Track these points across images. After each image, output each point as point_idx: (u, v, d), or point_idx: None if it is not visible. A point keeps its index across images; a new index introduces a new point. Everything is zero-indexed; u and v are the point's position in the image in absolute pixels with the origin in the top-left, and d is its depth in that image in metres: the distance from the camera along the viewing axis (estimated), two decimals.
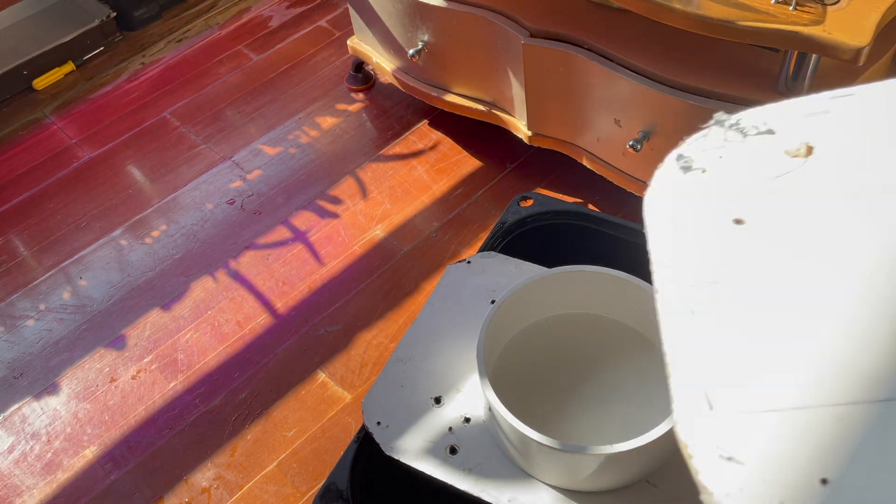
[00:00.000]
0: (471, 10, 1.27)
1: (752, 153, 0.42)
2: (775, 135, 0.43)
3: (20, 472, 1.20)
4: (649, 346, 0.74)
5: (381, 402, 0.71)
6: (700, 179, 0.42)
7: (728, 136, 0.44)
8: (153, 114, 1.75)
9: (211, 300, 1.38)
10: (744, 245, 0.37)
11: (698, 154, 0.43)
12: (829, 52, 0.92)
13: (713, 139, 0.44)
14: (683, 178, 0.42)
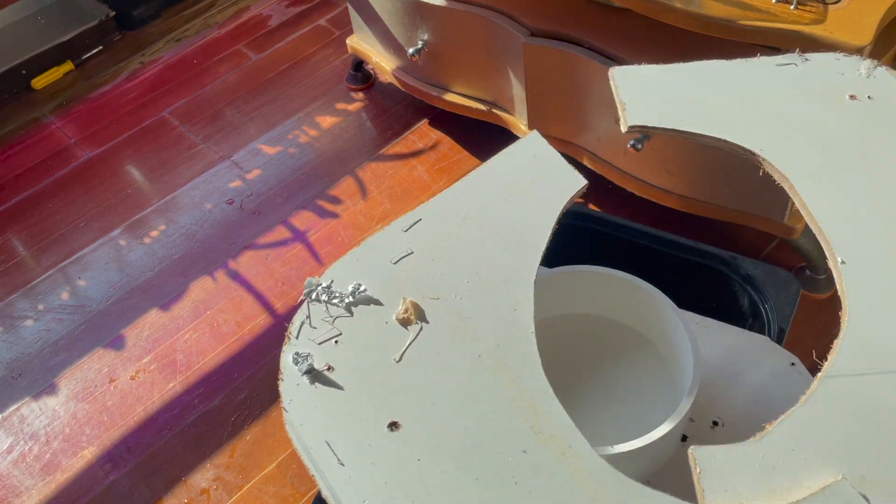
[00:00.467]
0: (471, 10, 1.27)
1: (366, 332, 0.42)
2: (377, 302, 0.44)
3: (19, 472, 1.19)
4: (649, 345, 0.74)
5: None
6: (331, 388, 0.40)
7: (331, 312, 0.43)
8: (152, 113, 1.75)
9: (210, 300, 1.38)
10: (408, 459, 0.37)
11: (314, 348, 0.41)
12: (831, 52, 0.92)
13: (318, 321, 0.43)
14: (314, 388, 0.39)
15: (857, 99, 0.51)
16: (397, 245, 0.45)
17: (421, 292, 0.43)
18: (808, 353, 1.18)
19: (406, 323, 0.42)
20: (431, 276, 0.44)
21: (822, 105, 0.51)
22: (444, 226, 0.46)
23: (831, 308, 1.27)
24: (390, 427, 0.39)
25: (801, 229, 1.17)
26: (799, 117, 0.50)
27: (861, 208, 0.46)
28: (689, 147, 1.13)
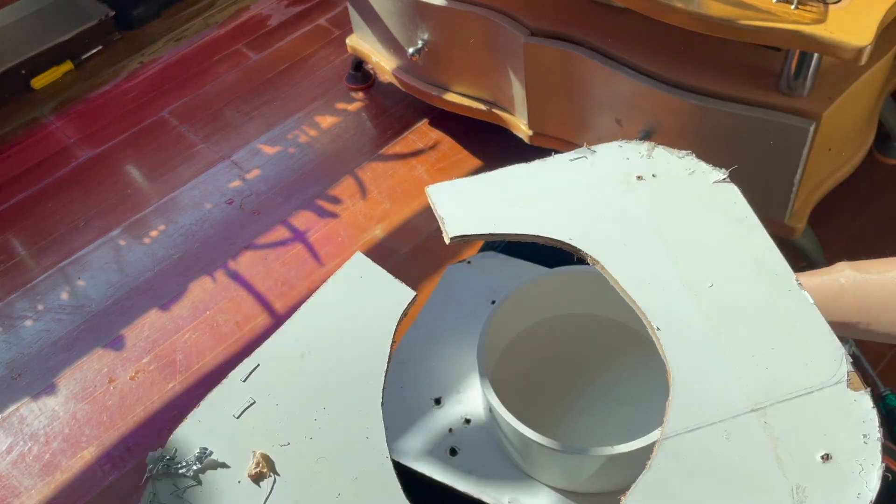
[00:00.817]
0: (471, 9, 1.26)
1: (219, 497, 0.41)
2: (225, 465, 0.43)
3: (18, 472, 1.19)
4: (649, 346, 0.73)
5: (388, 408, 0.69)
6: None
7: (178, 485, 0.41)
8: (152, 113, 1.75)
9: (210, 300, 1.37)
10: None
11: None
12: (831, 51, 0.92)
13: (167, 498, 0.42)
14: None
15: (643, 179, 0.57)
16: (238, 397, 0.45)
17: (270, 441, 0.43)
18: None
19: (259, 478, 0.42)
20: (278, 423, 0.44)
21: (615, 189, 0.57)
22: (283, 367, 0.46)
23: None
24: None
25: (802, 229, 1.17)
26: (598, 204, 0.56)
27: (664, 277, 0.51)
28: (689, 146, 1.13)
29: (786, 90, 1.04)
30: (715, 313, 0.50)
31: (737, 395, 0.46)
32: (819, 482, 0.43)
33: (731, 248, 0.53)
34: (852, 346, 1.14)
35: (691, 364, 0.48)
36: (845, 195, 1.32)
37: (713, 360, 0.48)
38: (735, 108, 1.05)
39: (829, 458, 0.44)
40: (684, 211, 0.55)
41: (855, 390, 0.48)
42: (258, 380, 0.46)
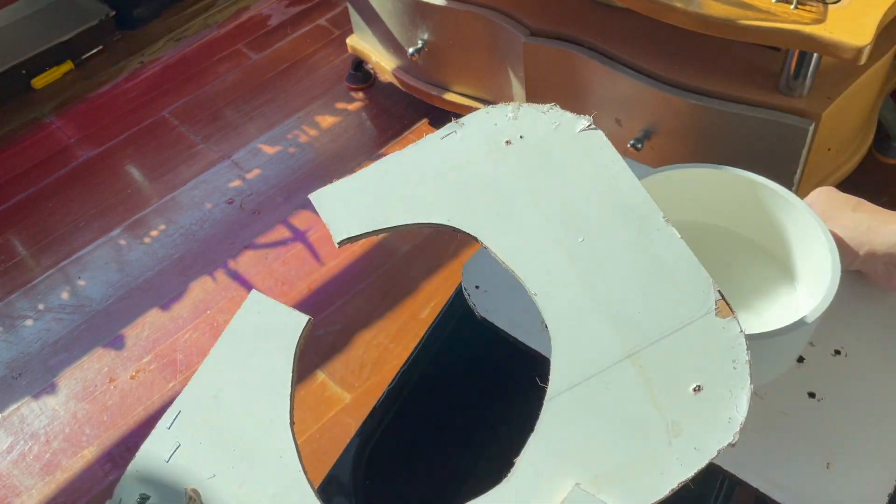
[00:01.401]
0: (471, 9, 1.27)
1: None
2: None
3: (19, 472, 1.19)
4: (767, 258, 0.66)
5: (482, 267, 0.67)
6: None
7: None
8: (152, 113, 1.75)
9: (210, 300, 1.38)
10: None
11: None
12: (831, 51, 0.92)
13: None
14: None
15: (511, 143, 0.57)
16: (166, 443, 0.50)
17: (198, 477, 0.49)
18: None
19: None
20: (202, 460, 0.50)
21: (486, 158, 0.57)
22: (201, 409, 0.51)
23: None
24: None
25: None
26: (471, 177, 0.56)
27: (539, 241, 0.52)
28: (689, 146, 1.13)
29: (785, 90, 1.04)
30: (588, 268, 0.51)
31: (613, 345, 0.48)
32: (691, 414, 0.45)
33: (599, 198, 0.54)
34: None
35: (569, 323, 0.49)
36: None
37: (589, 315, 0.49)
38: (735, 108, 1.05)
39: (700, 389, 0.46)
40: (553, 168, 0.55)
41: (724, 318, 0.48)
42: (181, 424, 0.51)
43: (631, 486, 0.44)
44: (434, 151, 0.60)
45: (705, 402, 0.45)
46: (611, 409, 0.46)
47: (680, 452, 0.44)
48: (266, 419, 0.50)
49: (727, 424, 0.44)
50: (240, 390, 0.52)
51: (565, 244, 0.52)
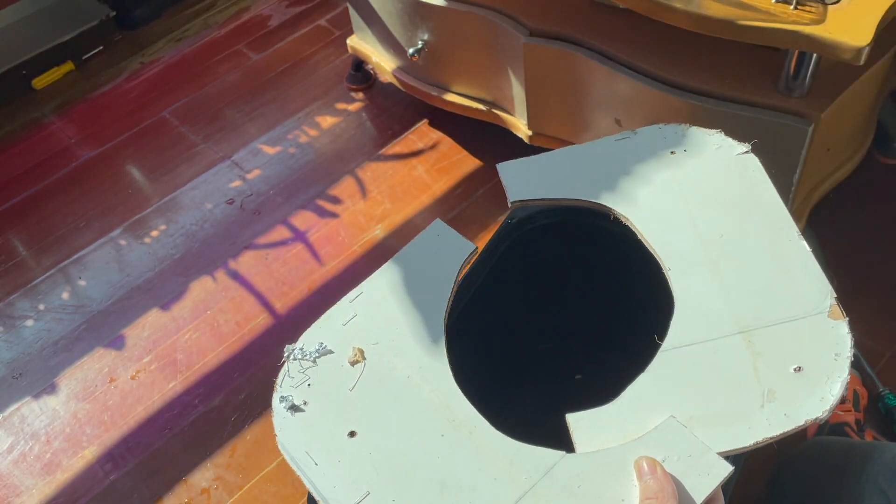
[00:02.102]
0: (471, 10, 1.27)
1: (328, 374, 0.62)
2: (334, 353, 0.63)
3: (19, 472, 1.19)
4: None
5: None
6: (306, 414, 0.60)
7: (303, 366, 0.62)
8: (152, 113, 1.75)
9: (210, 300, 1.38)
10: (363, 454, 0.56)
11: (293, 392, 0.61)
12: (830, 52, 0.92)
13: (295, 373, 0.63)
14: (295, 417, 0.60)
15: (675, 154, 0.68)
16: (346, 312, 0.65)
17: (365, 341, 0.62)
18: None
19: (355, 363, 0.61)
20: (371, 330, 0.63)
21: (651, 162, 0.68)
22: (378, 295, 0.66)
23: None
24: (350, 435, 0.58)
25: (801, 229, 1.17)
26: (635, 174, 0.67)
27: (681, 231, 0.64)
28: None
29: (785, 91, 1.04)
30: (720, 258, 0.61)
31: (729, 321, 0.57)
32: (788, 387, 0.52)
33: (743, 208, 0.63)
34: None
35: (694, 297, 0.59)
36: (844, 195, 1.32)
37: (713, 294, 0.59)
38: (734, 109, 1.05)
39: (800, 369, 0.53)
40: (707, 179, 0.66)
41: (834, 319, 0.56)
42: (360, 301, 0.66)
43: (720, 431, 0.51)
44: (608, 149, 0.70)
45: (803, 381, 0.53)
46: (716, 368, 0.54)
47: (770, 415, 0.52)
48: (426, 310, 0.63)
49: (819, 402, 0.51)
50: (411, 286, 0.65)
51: (704, 237, 0.62)
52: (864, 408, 1.08)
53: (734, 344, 0.55)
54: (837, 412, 1.06)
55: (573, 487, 0.52)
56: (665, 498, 0.50)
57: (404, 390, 0.58)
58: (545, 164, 0.70)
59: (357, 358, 0.61)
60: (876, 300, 1.23)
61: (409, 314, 0.63)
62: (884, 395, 1.10)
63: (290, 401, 0.59)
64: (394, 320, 0.63)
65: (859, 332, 1.18)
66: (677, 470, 0.51)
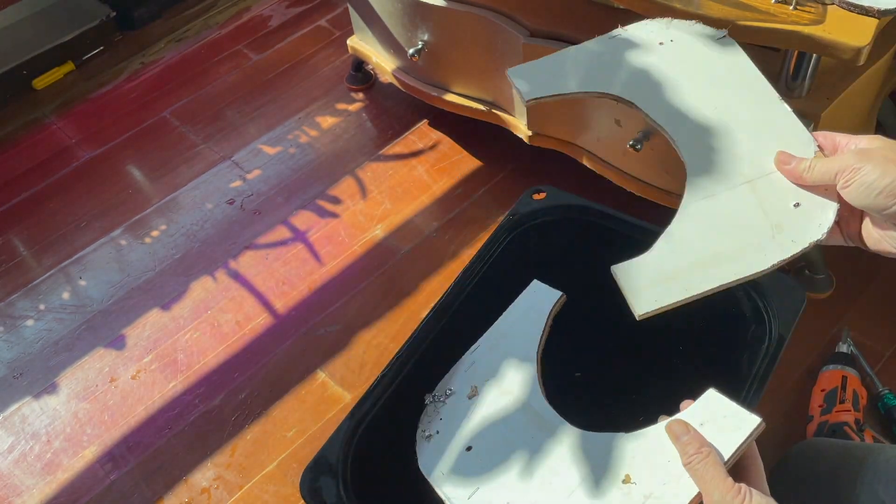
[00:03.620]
0: (471, 10, 1.27)
1: (453, 410, 0.76)
2: (457, 393, 0.78)
3: (20, 472, 1.20)
4: None
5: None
6: (437, 440, 0.74)
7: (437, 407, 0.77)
8: (153, 113, 1.75)
9: (211, 300, 1.38)
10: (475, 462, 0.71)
11: (428, 426, 0.75)
12: (830, 52, 0.92)
13: (431, 413, 0.77)
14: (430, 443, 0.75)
15: (664, 44, 0.76)
16: (467, 362, 0.79)
17: (479, 380, 0.77)
18: (808, 352, 1.18)
19: (472, 396, 0.75)
20: (485, 372, 0.78)
21: (643, 51, 0.77)
22: (488, 346, 0.80)
23: (831, 307, 1.27)
24: (467, 450, 0.72)
25: None
26: (631, 64, 0.76)
27: (682, 106, 0.72)
28: None
29: (784, 91, 1.04)
30: (718, 124, 0.70)
31: (734, 174, 0.66)
32: (791, 220, 0.62)
33: (729, 82, 0.73)
34: (850, 345, 1.15)
35: (702, 159, 0.68)
36: None
37: (717, 154, 0.68)
38: None
39: (798, 205, 0.63)
40: (696, 61, 0.75)
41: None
42: (478, 352, 0.79)
43: (741, 261, 0.61)
44: (604, 46, 0.77)
45: (802, 213, 0.63)
46: (730, 214, 0.64)
47: (780, 242, 0.62)
48: (524, 349, 0.77)
49: (818, 228, 0.61)
50: (513, 335, 0.79)
51: (702, 110, 0.71)
52: (863, 408, 1.08)
53: (741, 192, 0.65)
54: (837, 412, 1.07)
55: (629, 458, 0.65)
56: (706, 451, 0.57)
57: (506, 409, 0.73)
58: (551, 64, 0.77)
59: (473, 392, 0.76)
60: (876, 300, 1.23)
61: (511, 355, 0.77)
62: (883, 395, 1.10)
63: (426, 433, 0.74)
64: (500, 361, 0.77)
65: (859, 332, 1.19)
66: (712, 430, 0.60)
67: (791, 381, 1.16)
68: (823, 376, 1.12)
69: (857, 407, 1.07)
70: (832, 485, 0.77)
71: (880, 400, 1.10)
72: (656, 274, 0.62)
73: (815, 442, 0.87)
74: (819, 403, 1.09)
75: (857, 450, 0.78)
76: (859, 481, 0.74)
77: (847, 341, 1.16)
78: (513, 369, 0.76)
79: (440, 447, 0.73)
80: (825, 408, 1.08)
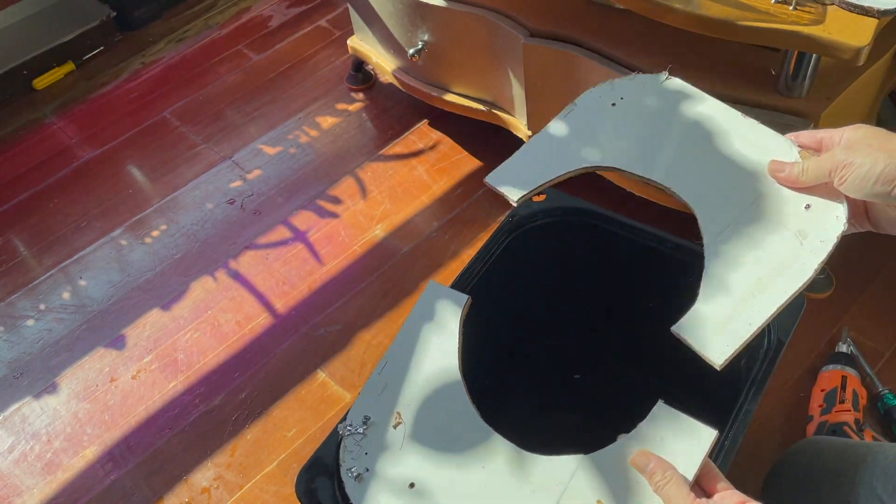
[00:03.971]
0: (471, 10, 1.27)
1: (378, 442, 0.69)
2: (377, 422, 0.70)
3: (20, 471, 1.20)
4: None
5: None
6: (371, 479, 0.67)
7: (356, 439, 0.69)
8: (153, 113, 1.75)
9: (211, 300, 1.38)
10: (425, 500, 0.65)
11: (354, 463, 0.68)
12: (830, 52, 0.92)
13: (352, 447, 0.69)
14: (362, 484, 0.67)
15: (616, 105, 0.76)
16: (378, 384, 0.72)
17: (400, 405, 0.70)
18: (808, 352, 1.18)
19: (398, 425, 0.68)
20: (403, 394, 0.71)
21: (601, 117, 0.77)
22: (399, 363, 0.73)
23: (830, 308, 1.27)
24: (410, 486, 0.65)
25: None
26: (595, 132, 0.76)
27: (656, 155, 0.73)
28: None
29: (784, 91, 1.04)
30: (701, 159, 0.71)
31: (738, 201, 0.67)
32: (810, 222, 0.64)
33: (692, 116, 0.74)
34: (850, 345, 1.15)
35: (700, 198, 0.69)
36: None
37: (712, 186, 0.69)
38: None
39: (809, 206, 0.64)
40: (653, 109, 0.75)
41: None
42: (387, 372, 0.72)
43: (786, 276, 0.62)
44: (564, 125, 0.77)
45: (817, 212, 0.64)
46: (753, 239, 0.65)
47: (810, 247, 0.62)
48: (442, 364, 0.71)
49: (836, 220, 0.63)
50: (424, 347, 0.73)
51: (680, 151, 0.72)
52: (863, 407, 1.08)
53: (752, 215, 0.66)
54: (837, 412, 1.07)
55: (596, 484, 0.62)
56: (670, 475, 0.58)
57: (443, 438, 0.67)
58: (523, 159, 0.76)
59: (398, 420, 0.68)
60: (876, 300, 1.23)
61: (429, 371, 0.71)
62: (883, 395, 1.10)
63: (354, 472, 0.66)
64: (418, 380, 0.71)
65: (859, 332, 1.19)
66: (673, 448, 0.60)
67: (791, 381, 1.16)
68: (823, 376, 1.12)
69: (857, 407, 1.07)
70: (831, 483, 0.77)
71: (880, 400, 1.10)
72: (715, 321, 0.62)
73: (814, 440, 0.87)
74: (819, 403, 1.09)
75: (856, 448, 0.78)
76: (858, 479, 0.74)
77: (847, 341, 1.16)
78: (437, 390, 0.70)
79: (377, 487, 0.66)
80: (825, 408, 1.08)
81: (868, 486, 0.73)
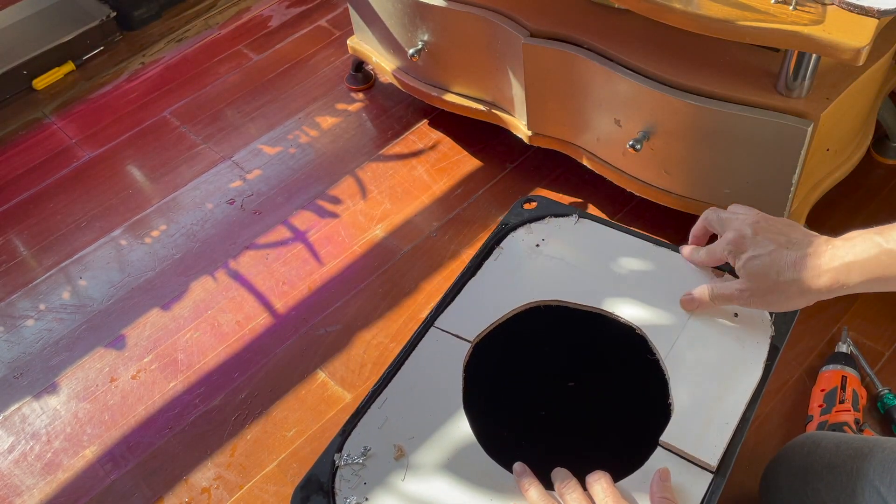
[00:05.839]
0: (471, 10, 1.27)
1: (378, 473, 0.69)
2: (377, 454, 0.70)
3: (20, 471, 1.20)
4: None
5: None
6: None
7: (354, 469, 0.69)
8: (153, 113, 1.75)
9: (211, 300, 1.38)
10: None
11: (352, 492, 0.67)
12: (830, 52, 0.92)
13: (349, 476, 0.69)
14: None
15: (539, 245, 0.84)
16: (378, 417, 0.73)
17: (402, 438, 0.71)
18: (808, 352, 1.18)
19: (400, 457, 0.69)
20: (405, 428, 0.72)
21: (529, 258, 0.83)
22: (400, 399, 0.74)
23: (830, 308, 1.27)
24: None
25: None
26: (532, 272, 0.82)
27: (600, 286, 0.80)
28: (688, 147, 1.14)
29: (784, 91, 1.04)
30: (626, 289, 0.79)
31: (673, 324, 0.75)
32: (743, 328, 0.74)
33: (609, 248, 0.82)
34: (850, 345, 1.15)
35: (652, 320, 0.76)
36: (843, 195, 1.32)
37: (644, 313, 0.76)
38: (733, 109, 1.06)
39: (737, 315, 0.74)
40: (575, 245, 0.83)
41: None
42: (388, 406, 0.73)
43: (742, 378, 0.69)
44: (497, 267, 0.83)
45: (746, 318, 0.74)
46: (698, 354, 0.72)
47: (753, 349, 0.72)
48: (446, 400, 0.73)
49: (764, 321, 0.73)
50: (426, 386, 0.74)
51: (620, 279, 0.79)
52: (863, 408, 1.08)
53: (691, 328, 0.74)
54: (836, 412, 1.07)
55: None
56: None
57: (447, 473, 0.68)
58: (466, 302, 0.80)
59: (400, 453, 0.69)
60: (875, 300, 1.23)
61: (433, 408, 0.72)
62: (883, 395, 1.10)
63: (351, 501, 0.66)
64: (424, 417, 0.72)
65: (859, 332, 1.19)
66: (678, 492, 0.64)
67: (791, 381, 1.16)
68: (823, 376, 1.12)
69: (857, 407, 1.07)
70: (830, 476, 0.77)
71: (880, 400, 1.10)
72: (695, 428, 0.67)
73: (813, 435, 0.87)
74: (819, 403, 1.09)
75: (854, 442, 0.79)
76: (857, 473, 0.74)
77: (847, 341, 1.16)
78: (442, 428, 0.71)
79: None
80: (825, 408, 1.08)
81: (868, 481, 0.73)
